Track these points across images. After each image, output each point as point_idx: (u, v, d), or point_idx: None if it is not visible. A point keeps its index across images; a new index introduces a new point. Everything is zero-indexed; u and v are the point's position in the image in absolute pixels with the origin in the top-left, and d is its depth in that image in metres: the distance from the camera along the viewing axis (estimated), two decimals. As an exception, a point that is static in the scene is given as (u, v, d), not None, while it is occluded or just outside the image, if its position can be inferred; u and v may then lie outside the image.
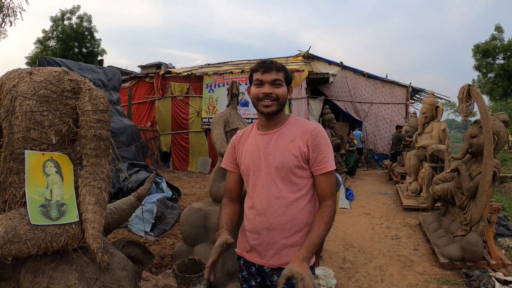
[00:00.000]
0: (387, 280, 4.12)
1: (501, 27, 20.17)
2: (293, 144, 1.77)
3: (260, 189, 1.81)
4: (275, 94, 1.76)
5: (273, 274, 1.82)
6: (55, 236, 1.73)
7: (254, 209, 1.84)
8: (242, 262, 1.99)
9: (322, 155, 1.75)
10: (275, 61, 1.85)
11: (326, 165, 1.75)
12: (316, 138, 1.76)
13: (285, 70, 1.84)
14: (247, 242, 1.91)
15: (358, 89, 15.42)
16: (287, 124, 1.85)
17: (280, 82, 1.78)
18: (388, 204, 8.12)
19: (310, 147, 1.76)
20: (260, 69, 1.79)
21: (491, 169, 4.13)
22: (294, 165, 1.75)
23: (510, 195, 8.65)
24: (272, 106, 1.77)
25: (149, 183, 2.76)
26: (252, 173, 1.85)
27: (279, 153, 1.77)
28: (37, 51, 22.71)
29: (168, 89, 12.80)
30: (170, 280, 3.51)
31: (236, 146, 2.00)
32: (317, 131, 1.78)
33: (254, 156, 1.84)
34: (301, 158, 1.76)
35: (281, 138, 1.81)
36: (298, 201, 1.78)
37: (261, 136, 1.86)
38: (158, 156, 12.69)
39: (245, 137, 1.98)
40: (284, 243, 1.79)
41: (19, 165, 1.79)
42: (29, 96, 1.78)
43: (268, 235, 1.80)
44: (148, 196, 5.90)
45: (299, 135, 1.78)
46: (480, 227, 4.29)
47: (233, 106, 4.09)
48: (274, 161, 1.77)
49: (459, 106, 4.73)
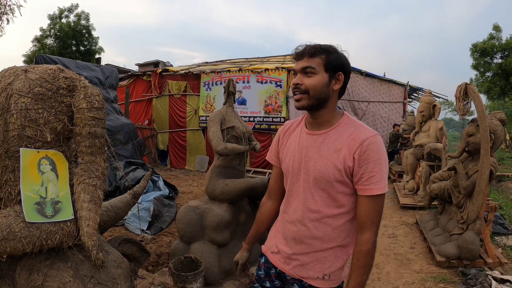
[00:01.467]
0: (384, 278, 4.12)
1: (499, 26, 20.23)
2: (338, 154, 1.49)
3: (296, 196, 1.62)
4: (304, 85, 1.49)
5: (294, 283, 1.67)
6: (50, 234, 1.73)
7: (287, 215, 1.68)
8: (263, 261, 1.83)
9: (370, 173, 1.45)
10: (312, 44, 1.53)
11: (373, 186, 1.45)
12: (366, 151, 1.45)
13: (327, 54, 1.49)
14: (276, 243, 1.75)
15: (355, 87, 15.41)
16: (337, 127, 1.55)
17: (312, 70, 1.48)
18: (385, 202, 8.07)
19: (356, 161, 1.46)
20: (294, 56, 1.55)
21: (488, 168, 4.13)
22: (335, 179, 1.50)
23: (507, 194, 8.67)
24: (302, 100, 1.51)
25: (145, 181, 2.75)
26: (290, 176, 1.65)
27: (321, 161, 1.52)
28: (34, 49, 22.70)
29: (166, 87, 12.79)
30: (166, 278, 3.51)
31: (281, 138, 1.77)
32: (370, 142, 1.46)
33: (295, 157, 1.62)
34: (345, 172, 1.48)
35: (326, 144, 1.54)
36: (335, 218, 1.56)
37: (307, 136, 1.61)
38: (155, 154, 12.68)
39: (291, 131, 1.73)
40: (309, 258, 1.62)
41: (14, 162, 1.79)
42: (24, 94, 1.78)
43: (294, 246, 1.64)
44: (145, 194, 5.90)
45: (347, 143, 1.49)
46: (477, 226, 4.30)
47: (230, 104, 4.09)
48: (314, 170, 1.53)
49: (456, 105, 4.73)
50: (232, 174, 3.83)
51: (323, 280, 1.60)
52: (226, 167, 3.85)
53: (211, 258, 3.53)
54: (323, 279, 1.60)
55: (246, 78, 11.54)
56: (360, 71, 15.42)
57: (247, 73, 11.58)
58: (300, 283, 1.65)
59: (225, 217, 3.58)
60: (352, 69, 12.19)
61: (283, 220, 1.71)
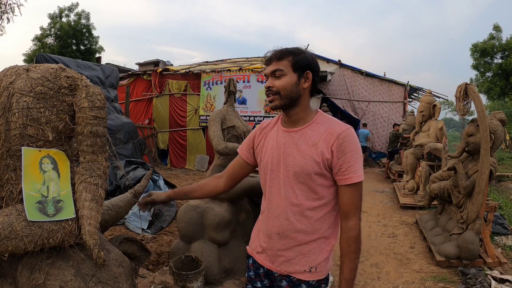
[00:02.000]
0: (384, 277, 4.13)
1: (499, 26, 20.21)
2: (315, 148, 1.57)
3: (277, 191, 1.66)
4: (275, 87, 1.58)
5: (282, 279, 1.70)
6: (52, 233, 1.74)
7: (268, 212, 1.71)
8: (251, 262, 1.85)
9: (348, 163, 1.54)
10: (279, 49, 1.63)
11: (352, 175, 1.55)
12: (343, 143, 1.54)
13: (294, 55, 1.59)
14: (259, 243, 1.78)
15: (356, 87, 15.42)
16: (313, 123, 1.64)
17: (280, 72, 1.58)
18: (385, 202, 8.14)
19: (334, 153, 1.54)
20: (264, 63, 1.64)
21: (488, 168, 4.14)
22: (314, 172, 1.57)
23: (507, 194, 8.68)
24: (275, 101, 1.60)
25: (146, 180, 2.76)
26: (270, 173, 1.69)
27: (300, 156, 1.59)
28: (34, 48, 22.67)
29: (166, 86, 12.80)
30: (167, 277, 3.52)
31: (257, 137, 1.82)
32: (345, 135, 1.56)
33: (274, 155, 1.67)
34: (323, 165, 1.56)
35: (303, 139, 1.61)
36: (316, 210, 1.62)
37: (284, 133, 1.68)
38: (155, 154, 12.69)
39: (268, 129, 1.78)
40: (295, 252, 1.65)
41: (16, 161, 1.79)
42: (26, 92, 1.78)
43: (279, 241, 1.67)
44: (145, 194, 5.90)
45: (324, 137, 1.57)
46: (477, 226, 4.30)
47: (230, 104, 4.10)
48: (293, 165, 1.60)
49: (456, 105, 4.74)
50: (233, 174, 3.84)
51: (310, 273, 1.65)
52: (226, 167, 3.85)
53: (212, 257, 3.54)
54: (310, 271, 1.65)
55: (246, 78, 11.55)
56: (360, 70, 15.43)
57: (247, 73, 11.59)
58: (288, 279, 1.69)
59: (225, 216, 3.59)
60: (353, 68, 12.18)
61: (266, 217, 1.74)
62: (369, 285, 3.94)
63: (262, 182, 1.78)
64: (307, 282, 1.67)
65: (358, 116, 15.46)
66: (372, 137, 15.21)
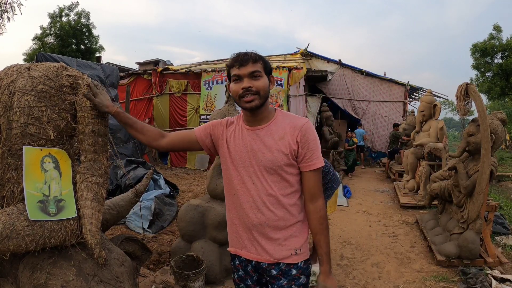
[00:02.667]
0: (384, 277, 4.13)
1: (499, 26, 20.19)
2: (282, 141, 1.71)
3: (250, 186, 1.75)
4: (255, 87, 1.66)
5: (271, 269, 1.78)
6: (53, 232, 1.73)
7: (245, 206, 1.77)
8: (238, 262, 1.91)
9: (311, 151, 1.71)
10: (250, 52, 1.73)
11: (315, 161, 1.72)
12: (305, 134, 1.71)
13: (263, 60, 1.73)
14: (240, 239, 1.84)
15: (356, 87, 15.43)
16: (275, 120, 1.77)
17: (258, 73, 1.68)
18: (386, 201, 8.14)
19: (299, 144, 1.70)
20: (235, 64, 1.70)
21: (488, 168, 4.14)
22: (284, 163, 1.71)
23: (507, 193, 8.69)
24: (255, 100, 1.67)
25: (147, 180, 2.76)
26: (242, 169, 1.77)
27: (268, 151, 1.71)
28: (35, 47, 22.61)
29: (166, 86, 12.79)
30: (168, 276, 3.52)
31: (222, 131, 1.86)
32: (306, 127, 1.72)
33: (242, 153, 1.76)
34: (291, 156, 1.70)
35: (269, 135, 1.73)
36: (289, 197, 1.75)
37: (248, 131, 1.78)
38: (156, 153, 12.68)
39: (233, 126, 1.85)
40: (278, 239, 1.75)
41: (17, 160, 1.79)
42: (28, 91, 1.78)
43: (262, 231, 1.75)
44: (146, 193, 5.90)
45: (289, 131, 1.72)
46: (477, 225, 4.30)
47: (231, 103, 4.10)
48: (264, 159, 1.71)
49: (457, 105, 4.74)
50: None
51: (296, 255, 1.77)
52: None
53: (213, 256, 3.54)
54: (296, 254, 1.77)
55: (247, 77, 11.54)
56: (361, 70, 15.43)
57: (247, 72, 11.57)
58: (277, 267, 1.78)
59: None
60: (353, 68, 12.20)
61: (242, 212, 1.79)
62: (370, 285, 3.94)
63: (229, 178, 1.83)
64: (296, 265, 1.78)
65: (358, 115, 15.46)
66: (372, 136, 15.21)
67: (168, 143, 1.92)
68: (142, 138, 1.90)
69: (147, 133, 1.90)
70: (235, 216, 1.84)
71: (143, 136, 1.90)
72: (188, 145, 1.97)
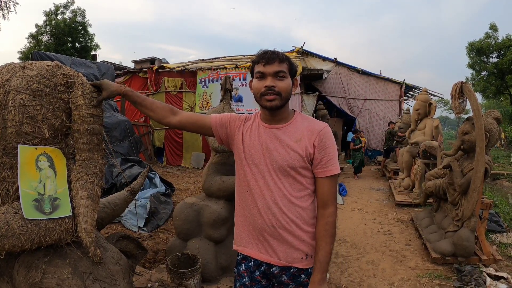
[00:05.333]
0: (379, 274, 4.15)
1: (495, 25, 20.29)
2: (299, 143, 1.67)
3: (264, 185, 1.71)
4: (278, 87, 1.63)
5: (282, 274, 1.74)
6: (49, 231, 1.73)
7: (258, 205, 1.72)
8: (244, 268, 1.83)
9: (328, 157, 1.67)
10: (278, 51, 1.70)
11: (332, 168, 1.67)
12: (323, 139, 1.67)
13: (289, 61, 1.69)
14: (250, 238, 1.79)
15: (352, 85, 15.47)
16: (294, 122, 1.74)
17: (283, 74, 1.65)
18: (381, 199, 8.17)
19: (316, 148, 1.66)
20: (261, 61, 1.66)
21: (483, 166, 4.16)
22: (299, 165, 1.67)
23: (502, 191, 8.74)
24: (276, 100, 1.64)
25: (142, 178, 2.76)
26: (254, 167, 1.73)
27: (284, 151, 1.67)
28: (30, 45, 22.52)
29: (162, 84, 12.78)
30: (163, 275, 3.52)
31: (239, 126, 1.83)
32: (325, 132, 1.69)
33: (257, 150, 1.72)
34: (306, 159, 1.66)
35: (287, 136, 1.70)
36: (303, 199, 1.71)
37: (265, 129, 1.74)
38: (151, 151, 12.67)
39: (250, 123, 1.82)
40: (291, 241, 1.70)
41: (12, 159, 1.78)
42: (22, 90, 1.77)
43: (274, 232, 1.70)
44: (141, 191, 5.89)
45: (306, 134, 1.68)
46: (472, 223, 4.33)
47: (227, 101, 4.10)
48: (279, 158, 1.67)
49: (452, 103, 4.76)
50: (229, 171, 3.84)
51: (306, 260, 1.73)
52: (222, 164, 3.86)
53: (208, 254, 3.54)
54: (306, 259, 1.73)
55: (242, 75, 11.54)
56: (356, 69, 15.47)
57: (243, 70, 11.58)
58: (288, 272, 1.74)
59: (222, 214, 3.59)
60: (349, 66, 12.22)
61: (256, 211, 1.73)
62: (365, 282, 3.96)
63: (243, 175, 1.78)
64: (306, 271, 1.74)
65: (354, 114, 15.50)
66: (368, 135, 15.24)
67: (180, 121, 1.87)
68: (152, 115, 1.87)
69: (157, 109, 1.86)
70: (246, 213, 1.79)
71: (153, 113, 1.86)
72: (199, 129, 1.91)
